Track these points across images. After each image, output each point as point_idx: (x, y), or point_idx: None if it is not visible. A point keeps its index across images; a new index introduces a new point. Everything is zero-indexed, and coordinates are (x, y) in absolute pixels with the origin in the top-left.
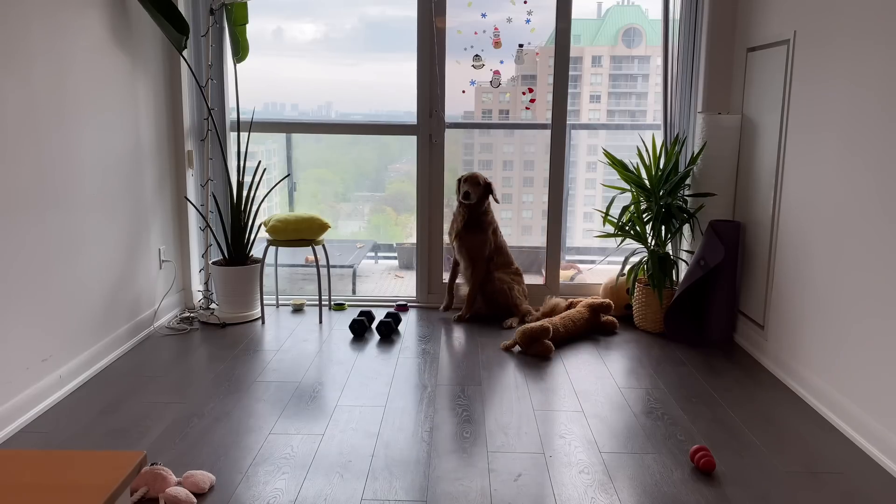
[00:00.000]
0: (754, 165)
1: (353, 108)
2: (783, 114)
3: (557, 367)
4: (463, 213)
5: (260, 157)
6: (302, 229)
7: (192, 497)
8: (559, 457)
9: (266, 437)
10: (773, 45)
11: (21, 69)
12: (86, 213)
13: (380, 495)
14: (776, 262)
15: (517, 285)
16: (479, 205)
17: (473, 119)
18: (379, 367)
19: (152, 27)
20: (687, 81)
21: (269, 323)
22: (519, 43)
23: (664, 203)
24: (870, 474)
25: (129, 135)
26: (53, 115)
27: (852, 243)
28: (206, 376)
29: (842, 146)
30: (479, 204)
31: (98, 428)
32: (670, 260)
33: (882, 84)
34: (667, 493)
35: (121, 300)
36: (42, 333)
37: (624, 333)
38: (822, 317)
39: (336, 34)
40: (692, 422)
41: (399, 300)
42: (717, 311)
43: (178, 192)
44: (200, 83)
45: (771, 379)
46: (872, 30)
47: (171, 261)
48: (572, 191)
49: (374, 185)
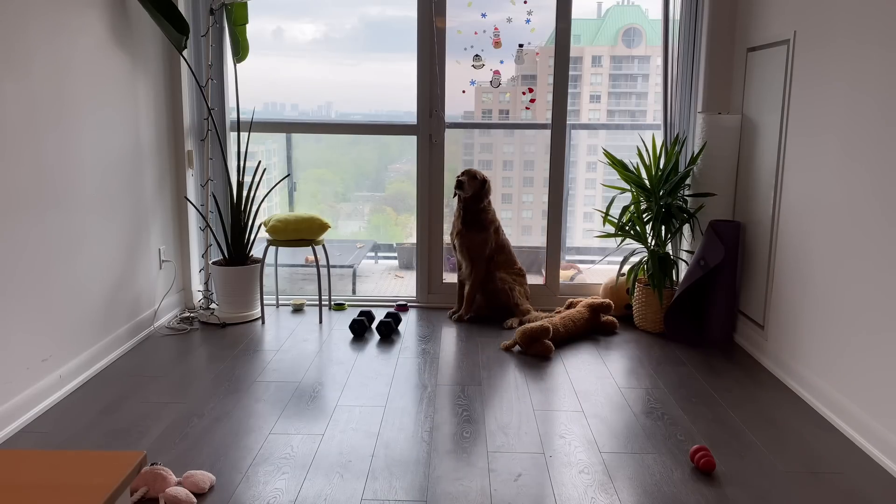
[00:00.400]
0: (754, 165)
1: (353, 108)
2: (783, 114)
3: (557, 367)
4: (461, 210)
5: (260, 157)
6: (302, 229)
7: (192, 497)
8: (559, 457)
9: (266, 437)
10: (773, 45)
11: (21, 69)
12: (86, 213)
13: (380, 495)
14: (776, 262)
15: (518, 286)
16: (476, 201)
17: (473, 119)
18: (379, 367)
19: (152, 27)
20: (687, 81)
21: (269, 323)
22: (519, 43)
23: (664, 203)
24: (870, 474)
25: (129, 135)
26: (53, 114)
27: (852, 243)
28: (206, 376)
29: (842, 146)
30: (477, 200)
31: (98, 428)
32: (670, 260)
33: (882, 83)
34: (667, 493)
35: (121, 300)
36: (42, 333)
37: (624, 333)
38: (822, 317)
39: (336, 34)
40: (692, 422)
41: (399, 300)
42: (717, 311)
43: (178, 192)
44: (200, 83)
45: (771, 379)
46: (872, 30)
47: (171, 261)
48: (572, 191)
49: (374, 185)
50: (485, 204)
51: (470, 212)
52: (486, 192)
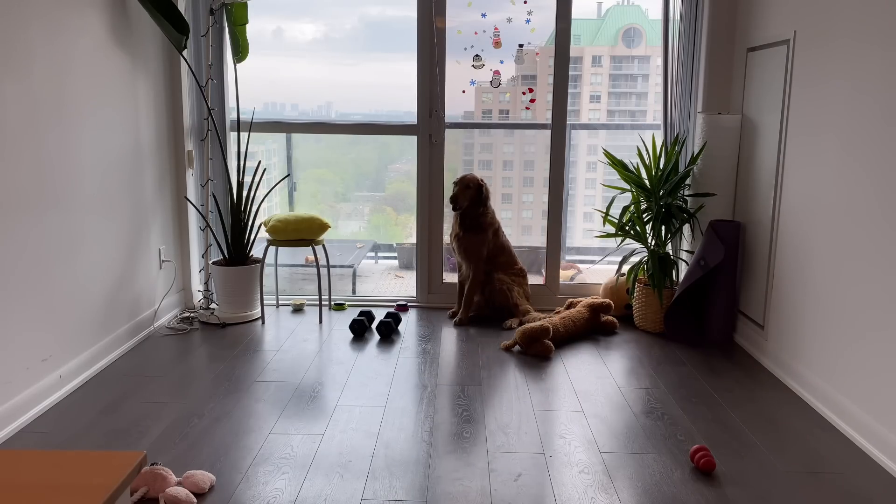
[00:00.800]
0: (754, 165)
1: (353, 108)
2: (783, 114)
3: (557, 367)
4: (459, 214)
5: (260, 157)
6: (302, 229)
7: (192, 497)
8: (559, 457)
9: (266, 437)
10: (773, 45)
11: (21, 69)
12: (86, 213)
13: (380, 495)
14: (776, 262)
15: (517, 286)
16: (474, 206)
17: (473, 119)
18: (379, 367)
19: (152, 27)
20: (687, 81)
21: (269, 323)
22: (519, 43)
23: (664, 203)
24: (870, 474)
25: (129, 135)
26: (53, 114)
27: (852, 243)
28: (206, 376)
29: (842, 145)
30: (475, 206)
31: (98, 428)
32: (670, 260)
33: (882, 83)
34: (667, 493)
35: (121, 300)
36: (42, 333)
37: (624, 333)
38: (822, 317)
39: (336, 34)
40: (692, 422)
41: (399, 300)
42: (717, 311)
43: (178, 192)
44: (200, 83)
45: (771, 379)
46: (872, 29)
47: (171, 261)
48: (572, 191)
49: (374, 185)
50: (483, 208)
51: (468, 216)
52: (484, 198)
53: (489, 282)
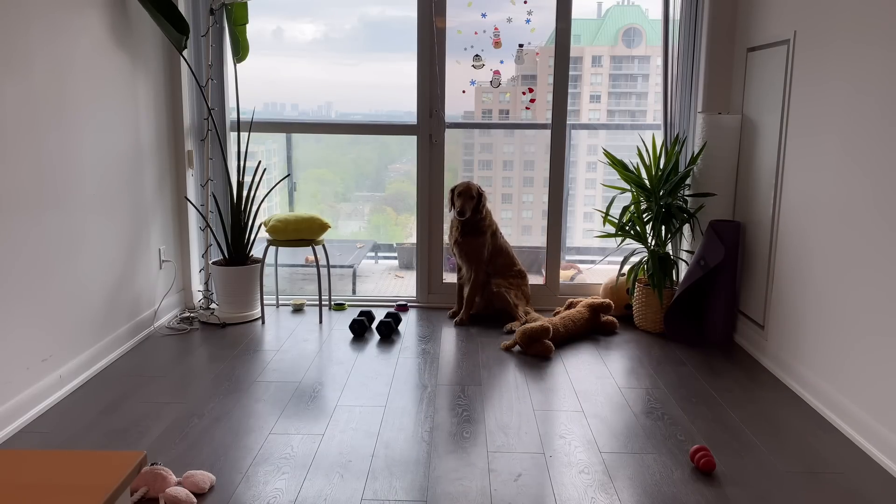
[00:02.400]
0: (754, 165)
1: (353, 108)
2: (783, 114)
3: (557, 367)
4: (459, 221)
5: (260, 157)
6: (302, 229)
7: (192, 497)
8: (559, 457)
9: (266, 437)
10: (773, 45)
11: (21, 69)
12: (86, 213)
13: (380, 495)
14: (776, 262)
15: (515, 288)
16: (474, 213)
17: (473, 119)
18: (379, 367)
19: (152, 27)
20: (687, 81)
21: (269, 323)
22: (519, 43)
23: (664, 203)
24: (870, 474)
25: (129, 135)
26: (53, 114)
27: (852, 243)
28: (206, 376)
29: (842, 146)
30: (475, 212)
31: (98, 428)
32: (670, 260)
33: (882, 83)
34: (667, 493)
35: (121, 300)
36: (42, 333)
37: (624, 333)
38: (822, 317)
39: (336, 34)
40: (692, 422)
41: (399, 300)
42: (717, 311)
43: (178, 191)
44: (200, 83)
45: (771, 379)
46: (872, 30)
47: (171, 261)
48: (572, 191)
49: (374, 185)
50: (482, 214)
51: (468, 222)
52: (482, 205)
53: (486, 285)
